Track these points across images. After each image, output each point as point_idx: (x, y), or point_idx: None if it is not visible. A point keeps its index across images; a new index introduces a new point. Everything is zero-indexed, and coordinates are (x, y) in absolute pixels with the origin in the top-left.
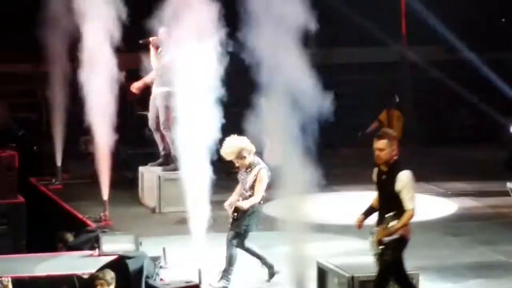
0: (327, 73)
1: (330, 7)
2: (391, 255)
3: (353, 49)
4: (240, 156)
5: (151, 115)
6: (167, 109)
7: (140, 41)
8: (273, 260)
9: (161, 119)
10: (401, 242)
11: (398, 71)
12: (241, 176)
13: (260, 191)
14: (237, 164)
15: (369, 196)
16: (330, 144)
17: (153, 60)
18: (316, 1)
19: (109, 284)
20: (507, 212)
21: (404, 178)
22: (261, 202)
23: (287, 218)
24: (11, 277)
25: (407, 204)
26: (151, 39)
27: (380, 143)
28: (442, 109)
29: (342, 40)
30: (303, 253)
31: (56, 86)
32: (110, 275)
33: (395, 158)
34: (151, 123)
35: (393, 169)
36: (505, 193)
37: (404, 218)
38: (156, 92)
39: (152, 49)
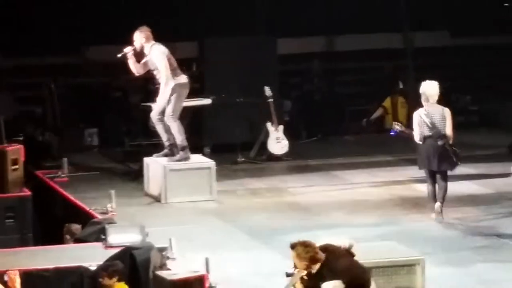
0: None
1: None
2: None
3: (355, 36)
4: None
5: (157, 107)
6: (175, 100)
7: (119, 55)
8: None
9: (168, 110)
10: None
11: (402, 57)
12: None
13: None
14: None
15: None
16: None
17: (138, 66)
18: None
19: (115, 276)
20: (510, 195)
21: None
22: None
23: None
24: (18, 270)
25: None
26: (129, 48)
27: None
28: (446, 95)
29: (344, 27)
30: None
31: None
32: (117, 266)
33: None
34: (154, 115)
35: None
36: (508, 176)
37: None
38: (163, 85)
39: (132, 57)
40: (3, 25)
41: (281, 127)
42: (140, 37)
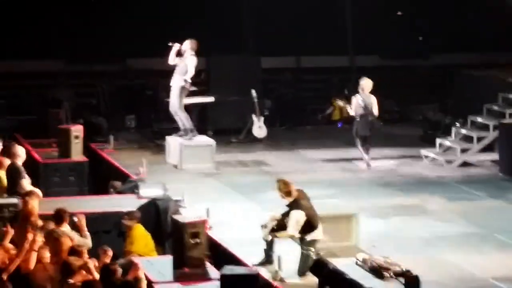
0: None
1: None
2: None
3: (316, 57)
4: None
5: (171, 102)
6: (181, 97)
7: (170, 43)
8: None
9: (176, 105)
10: None
11: (347, 73)
12: None
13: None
14: None
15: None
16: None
17: (174, 58)
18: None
19: (134, 219)
20: (421, 171)
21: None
22: None
23: None
24: (79, 212)
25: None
26: (177, 44)
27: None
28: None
29: (308, 50)
30: None
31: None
32: (135, 213)
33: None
34: (171, 108)
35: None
36: (420, 158)
37: None
38: (174, 85)
39: (175, 51)
40: (68, 37)
41: (262, 118)
42: (189, 44)
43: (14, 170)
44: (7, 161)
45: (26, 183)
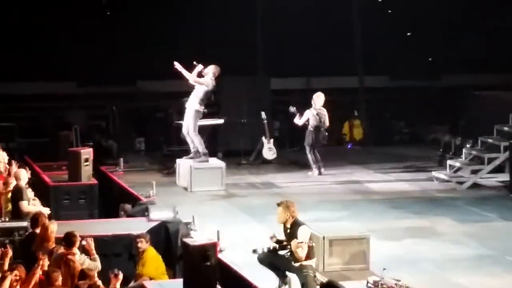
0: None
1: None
2: None
3: (325, 78)
4: None
5: (184, 124)
6: (195, 120)
7: (194, 62)
8: None
9: (190, 128)
10: None
11: (356, 94)
12: None
13: None
14: None
15: None
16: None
17: (194, 79)
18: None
19: (146, 242)
20: (431, 192)
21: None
22: None
23: None
24: (88, 236)
25: None
26: (201, 66)
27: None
28: (387, 120)
29: (318, 71)
30: None
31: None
32: (147, 235)
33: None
34: (184, 130)
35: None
36: (431, 179)
37: None
38: (189, 107)
39: (197, 71)
40: (80, 60)
41: (272, 140)
42: (213, 69)
43: (15, 192)
44: (12, 180)
45: (26, 204)
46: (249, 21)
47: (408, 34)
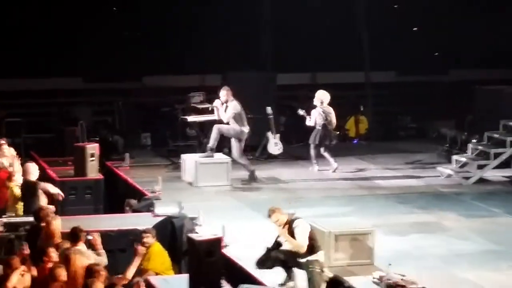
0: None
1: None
2: None
3: (331, 73)
4: None
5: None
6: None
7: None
8: None
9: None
10: None
11: (362, 89)
12: None
13: None
14: None
15: None
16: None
17: (226, 116)
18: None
19: (153, 237)
20: (437, 187)
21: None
22: None
23: None
24: (94, 231)
25: None
26: (218, 101)
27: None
28: (394, 116)
29: (324, 67)
30: None
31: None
32: (152, 230)
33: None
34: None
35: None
36: (437, 174)
37: None
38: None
39: (219, 108)
40: (85, 55)
41: (278, 135)
42: (226, 92)
43: (27, 188)
44: (17, 175)
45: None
46: (255, 16)
47: (414, 29)
